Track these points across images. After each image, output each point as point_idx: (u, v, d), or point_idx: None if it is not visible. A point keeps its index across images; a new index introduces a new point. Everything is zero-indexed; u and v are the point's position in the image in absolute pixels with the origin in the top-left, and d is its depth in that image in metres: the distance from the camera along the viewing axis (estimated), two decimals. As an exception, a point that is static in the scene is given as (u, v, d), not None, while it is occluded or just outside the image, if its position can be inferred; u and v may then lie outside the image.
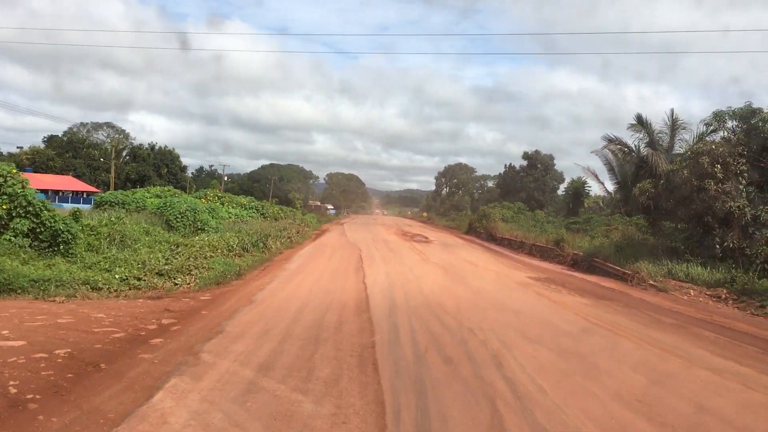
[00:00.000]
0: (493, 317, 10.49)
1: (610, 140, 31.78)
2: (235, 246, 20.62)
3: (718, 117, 19.57)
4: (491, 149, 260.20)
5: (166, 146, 73.66)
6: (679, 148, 28.99)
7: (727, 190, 17.65)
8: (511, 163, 77.73)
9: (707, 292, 15.97)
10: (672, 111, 29.36)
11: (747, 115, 18.97)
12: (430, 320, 9.90)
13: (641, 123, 29.31)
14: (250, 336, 8.30)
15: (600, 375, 6.91)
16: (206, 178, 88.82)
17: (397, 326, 9.27)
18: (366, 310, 10.65)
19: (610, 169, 41.77)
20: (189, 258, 16.23)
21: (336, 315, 10.14)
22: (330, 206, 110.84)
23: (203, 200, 33.95)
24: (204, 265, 16.12)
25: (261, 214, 37.23)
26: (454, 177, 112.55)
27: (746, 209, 17.23)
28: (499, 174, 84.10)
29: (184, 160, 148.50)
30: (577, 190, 53.91)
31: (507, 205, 55.34)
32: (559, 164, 74.16)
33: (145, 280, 13.34)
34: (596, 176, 45.95)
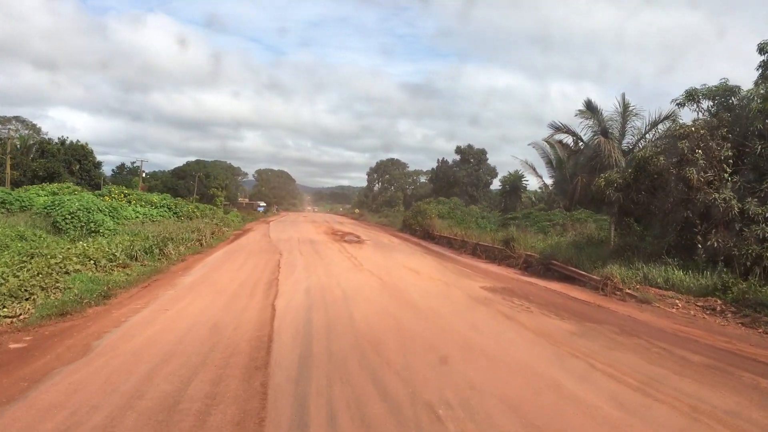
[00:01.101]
0: (461, 372, 6.76)
1: (558, 128, 29.34)
2: (118, 254, 16.28)
3: (691, 95, 16.92)
4: (422, 145, 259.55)
5: (78, 141, 65.98)
6: (630, 137, 26.79)
7: (710, 179, 15.00)
8: (444, 158, 75.12)
9: (698, 304, 13.19)
10: (623, 95, 27.05)
11: (724, 93, 16.45)
12: (364, 387, 6.08)
13: (591, 109, 26.85)
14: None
15: None
16: (128, 175, 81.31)
17: (305, 408, 5.41)
18: (263, 365, 6.79)
19: (548, 162, 39.74)
20: (38, 274, 11.96)
21: (210, 379, 6.22)
22: (261, 203, 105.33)
23: (106, 198, 29.90)
24: (57, 284, 11.88)
25: (174, 213, 33.62)
26: (386, 173, 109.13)
27: (733, 202, 14.59)
28: (432, 169, 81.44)
29: (108, 158, 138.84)
30: (514, 184, 51.69)
31: (443, 200, 52.56)
32: (492, 159, 71.93)
33: (-54, 314, 9.03)
34: (534, 169, 44.00)
